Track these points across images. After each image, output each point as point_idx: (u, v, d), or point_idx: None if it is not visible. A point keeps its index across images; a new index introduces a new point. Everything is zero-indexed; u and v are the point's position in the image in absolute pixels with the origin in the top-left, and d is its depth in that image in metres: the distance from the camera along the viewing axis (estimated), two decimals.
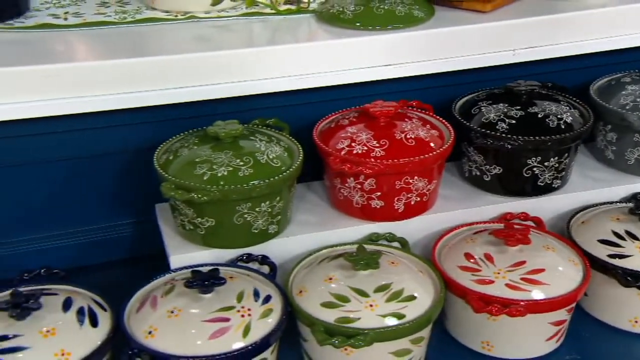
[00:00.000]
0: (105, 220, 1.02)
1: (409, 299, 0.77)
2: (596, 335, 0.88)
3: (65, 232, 1.01)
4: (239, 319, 0.74)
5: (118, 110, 0.89)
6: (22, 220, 0.97)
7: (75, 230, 1.02)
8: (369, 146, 0.88)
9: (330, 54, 0.94)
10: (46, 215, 0.98)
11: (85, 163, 0.96)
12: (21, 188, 0.95)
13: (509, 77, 1.06)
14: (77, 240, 1.02)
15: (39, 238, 1.00)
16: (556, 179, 0.98)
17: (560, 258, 0.85)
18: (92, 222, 1.02)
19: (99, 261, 1.03)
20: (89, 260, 1.02)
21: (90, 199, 0.99)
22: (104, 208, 1.01)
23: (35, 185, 0.96)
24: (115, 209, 1.02)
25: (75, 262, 1.00)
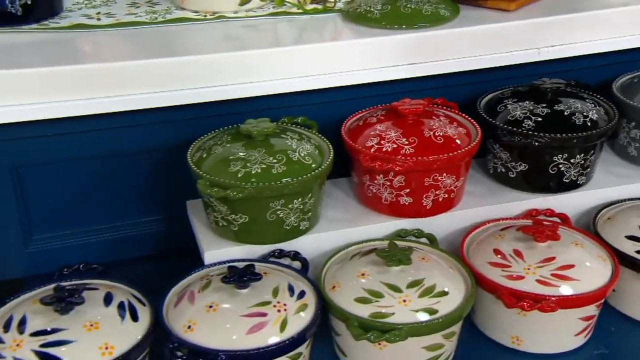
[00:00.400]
0: (137, 216, 1.02)
1: (441, 295, 0.77)
2: (623, 330, 0.88)
3: (98, 228, 1.01)
4: (275, 313, 0.74)
5: (150, 109, 0.89)
6: (58, 216, 0.98)
7: (108, 226, 1.02)
8: (398, 144, 0.88)
9: (358, 52, 0.94)
10: (81, 212, 0.99)
11: (119, 160, 0.97)
12: (57, 185, 0.95)
13: (531, 74, 1.06)
14: (110, 235, 1.02)
15: (74, 234, 1.01)
16: (581, 176, 0.98)
17: (588, 254, 0.85)
18: (124, 218, 1.02)
19: (131, 256, 1.03)
20: (121, 255, 1.02)
21: (123, 196, 1.00)
22: (136, 204, 1.01)
23: (70, 182, 0.96)
24: (147, 205, 1.02)
25: (107, 257, 1.00)
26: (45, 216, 0.97)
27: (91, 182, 0.98)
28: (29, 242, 0.98)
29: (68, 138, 0.92)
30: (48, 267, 0.98)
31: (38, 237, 0.99)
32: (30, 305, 0.74)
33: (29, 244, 0.98)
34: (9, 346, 0.69)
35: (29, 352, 0.68)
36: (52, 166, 0.94)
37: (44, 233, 0.99)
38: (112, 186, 0.99)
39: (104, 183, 0.98)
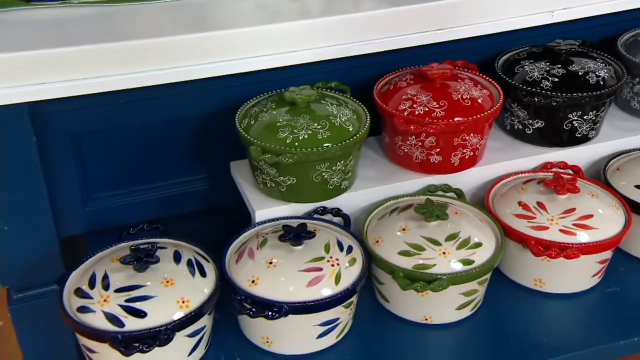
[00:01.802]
0: (184, 175, 1.04)
1: (476, 246, 0.81)
2: (632, 270, 0.93)
3: (149, 187, 1.03)
4: (329, 268, 0.77)
5: (193, 80, 0.90)
6: (113, 178, 0.99)
7: (158, 185, 1.04)
8: (429, 107, 0.90)
9: (386, 22, 0.94)
10: (133, 173, 1.00)
11: (166, 126, 0.98)
12: (112, 150, 0.97)
13: (542, 35, 1.06)
14: (160, 194, 1.04)
15: (127, 193, 1.02)
16: (592, 130, 1.00)
17: (603, 204, 0.88)
18: (172, 177, 1.04)
19: (179, 212, 1.05)
20: (170, 212, 1.04)
21: (170, 158, 1.01)
22: (182, 165, 1.03)
23: (123, 147, 0.97)
24: (193, 166, 1.04)
25: (158, 214, 1.02)
26: (101, 178, 0.99)
27: (142, 146, 0.99)
28: (87, 202, 1.00)
29: (121, 108, 0.93)
30: (105, 224, 1.01)
31: (95, 197, 1.00)
32: (109, 263, 0.76)
33: (88, 203, 1.00)
34: (97, 301, 0.72)
35: (116, 307, 0.71)
36: (107, 133, 0.95)
37: (100, 193, 1.00)
38: (161, 149, 1.01)
39: (153, 147, 0.99)
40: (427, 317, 0.83)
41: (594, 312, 0.87)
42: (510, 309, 0.87)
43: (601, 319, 0.86)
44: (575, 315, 0.87)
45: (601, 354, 0.82)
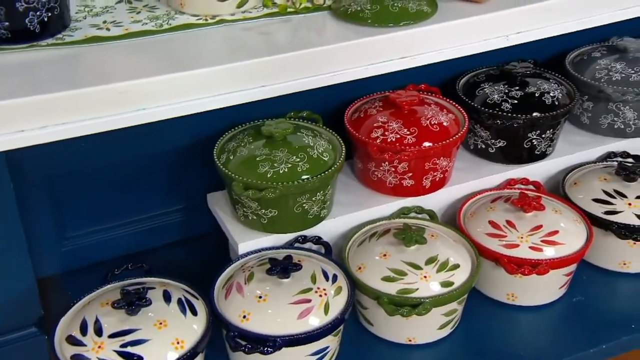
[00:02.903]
0: (158, 208, 1.04)
1: (454, 268, 0.83)
2: (594, 279, 0.98)
3: (124, 222, 1.02)
4: (318, 298, 0.78)
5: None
6: (88, 216, 0.98)
7: (131, 220, 1.03)
8: (401, 134, 0.92)
9: (356, 52, 0.95)
10: (108, 210, 0.99)
11: (140, 162, 0.98)
12: (86, 189, 0.96)
13: (496, 54, 1.10)
14: (135, 229, 1.03)
15: (103, 230, 1.01)
16: (549, 147, 1.05)
17: (567, 219, 0.93)
18: (147, 211, 1.03)
19: (155, 246, 1.05)
20: (145, 246, 1.04)
21: (144, 192, 1.01)
22: (156, 198, 1.03)
23: (97, 185, 0.97)
24: (167, 198, 1.03)
25: (134, 249, 1.02)
26: (77, 216, 0.98)
27: (117, 182, 0.99)
28: (64, 241, 0.98)
29: (96, 148, 0.92)
30: (83, 262, 0.99)
31: (72, 235, 0.99)
32: (99, 308, 0.76)
33: (64, 242, 0.98)
34: (92, 348, 0.71)
35: (112, 353, 0.70)
36: (82, 172, 0.94)
37: (77, 231, 0.99)
38: (136, 184, 1.00)
39: (128, 182, 0.99)
40: (410, 339, 0.85)
41: (563, 322, 0.91)
42: (486, 324, 0.90)
43: (571, 329, 0.90)
44: (547, 326, 0.91)
45: None
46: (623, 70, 1.09)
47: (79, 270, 1.00)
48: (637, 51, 1.11)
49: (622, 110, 1.09)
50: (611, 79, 1.08)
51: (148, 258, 0.99)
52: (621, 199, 0.97)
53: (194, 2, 0.96)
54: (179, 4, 1.01)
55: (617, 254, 0.97)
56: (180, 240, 1.07)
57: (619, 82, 1.07)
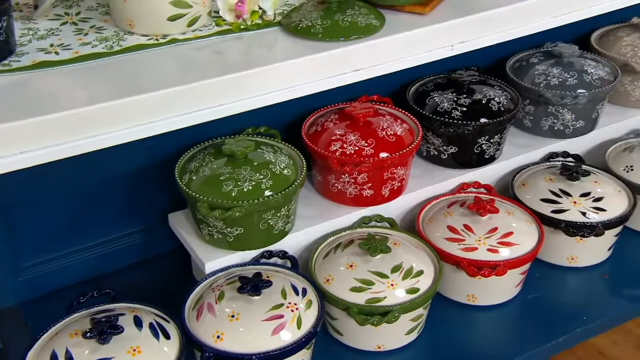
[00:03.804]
0: (117, 231, 1.02)
1: (418, 274, 0.86)
2: (546, 275, 1.02)
3: (82, 248, 1.00)
4: (290, 313, 0.79)
5: None
6: (42, 244, 0.96)
7: (90, 245, 1.01)
8: (359, 146, 0.94)
9: (313, 66, 0.97)
10: (65, 237, 0.97)
11: (96, 187, 0.96)
12: (42, 216, 0.93)
13: (441, 62, 1.14)
14: (94, 253, 1.01)
15: (59, 257, 0.99)
16: (497, 151, 1.09)
17: (519, 220, 0.96)
18: (105, 235, 1.01)
19: (115, 269, 1.03)
20: (105, 269, 1.02)
21: (101, 216, 0.99)
22: (114, 221, 1.01)
23: (53, 212, 0.94)
24: (125, 220, 1.02)
25: (93, 274, 1.00)
26: (33, 245, 0.95)
27: (73, 208, 0.97)
28: (20, 271, 0.95)
29: (52, 174, 0.89)
30: (42, 291, 0.96)
31: (28, 265, 0.96)
32: (68, 338, 0.74)
33: (20, 272, 0.95)
34: None
35: None
36: (37, 199, 0.91)
37: (33, 260, 0.96)
38: (93, 208, 0.99)
39: (85, 207, 0.97)
40: (380, 346, 0.87)
41: (521, 319, 0.95)
42: (450, 326, 0.93)
43: (529, 325, 0.94)
44: (506, 323, 0.94)
45: (535, 357, 0.90)
46: (560, 75, 1.14)
47: (38, 299, 0.97)
48: (570, 56, 1.17)
49: (561, 113, 1.14)
50: (549, 84, 1.13)
51: (109, 282, 0.98)
52: (567, 198, 1.02)
53: (144, 22, 0.94)
54: (128, 24, 0.99)
55: (566, 250, 1.02)
56: (140, 261, 1.05)
57: (557, 87, 1.13)
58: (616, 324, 1.00)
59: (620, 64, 1.19)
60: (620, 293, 1.00)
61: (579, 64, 1.15)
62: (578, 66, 1.14)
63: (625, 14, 1.22)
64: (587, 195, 1.01)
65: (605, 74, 1.15)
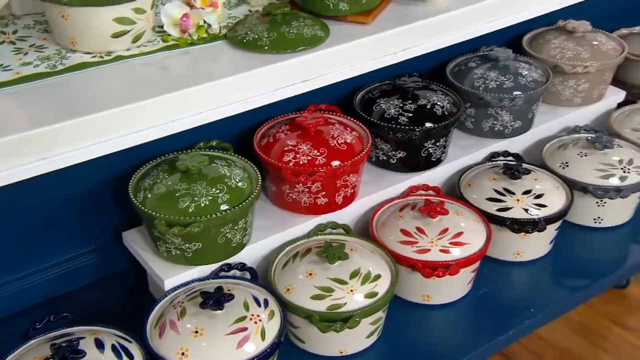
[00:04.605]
0: (70, 251, 1.00)
1: (376, 278, 0.88)
2: (494, 270, 1.05)
3: (33, 270, 0.97)
4: (253, 325, 0.79)
5: None
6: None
7: (42, 267, 0.98)
8: (311, 156, 0.95)
9: (262, 79, 0.97)
10: (17, 260, 0.94)
11: (45, 209, 0.93)
12: None
13: (385, 69, 1.16)
14: (47, 275, 0.99)
15: (9, 282, 0.96)
16: (443, 153, 1.12)
17: (468, 220, 1.00)
18: (57, 256, 0.99)
19: (69, 290, 1.01)
20: (59, 291, 0.99)
21: (53, 237, 0.97)
22: (66, 242, 0.99)
23: (3, 234, 0.91)
24: (78, 241, 1.00)
25: (46, 296, 0.97)
26: None
27: (23, 231, 0.94)
28: None
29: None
30: None
31: None
32: None
33: None
34: None
35: None
36: None
37: None
38: (44, 230, 0.96)
39: (35, 230, 0.94)
40: (342, 350, 0.88)
41: (474, 315, 0.98)
42: (408, 326, 0.95)
43: (481, 320, 0.98)
44: (461, 320, 0.97)
45: (489, 351, 0.93)
46: (497, 78, 1.19)
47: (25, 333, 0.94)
48: (506, 60, 1.22)
49: (500, 114, 1.18)
50: (488, 87, 1.18)
51: (64, 304, 0.95)
52: (510, 196, 1.06)
53: (86, 40, 0.92)
54: (70, 42, 0.97)
55: (511, 246, 1.06)
56: (95, 281, 1.03)
57: (495, 90, 1.17)
58: (561, 314, 1.05)
59: (551, 66, 1.25)
60: (563, 284, 1.05)
61: (514, 67, 1.20)
62: (513, 69, 1.19)
63: (552, 18, 1.28)
64: (529, 193, 1.06)
65: (538, 76, 1.20)
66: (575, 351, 1.48)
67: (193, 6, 0.93)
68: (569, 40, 1.28)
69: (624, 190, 1.09)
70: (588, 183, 1.10)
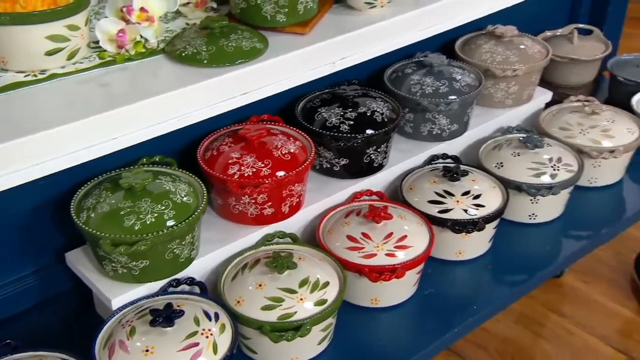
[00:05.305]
0: (10, 275, 0.97)
1: (325, 286, 0.89)
2: (437, 270, 1.08)
3: None
4: (205, 340, 0.79)
5: None
6: None
7: None
8: (256, 167, 0.95)
9: (203, 92, 0.97)
10: None
11: None
12: None
13: (325, 79, 1.18)
14: None
15: None
16: (385, 159, 1.15)
17: (411, 223, 1.02)
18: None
19: (11, 314, 0.98)
20: (1, 316, 0.96)
21: None
22: (5, 266, 0.95)
23: None
24: (18, 264, 0.97)
25: None
26: None
27: None
28: None
29: None
30: None
31: None
32: None
33: None
34: None
35: None
36: None
37: None
38: None
39: None
40: (294, 359, 0.89)
41: (420, 315, 1.01)
42: (357, 330, 0.97)
43: (427, 319, 1.00)
44: (408, 321, 0.99)
45: (436, 349, 0.96)
46: (432, 83, 1.22)
47: None
48: (440, 65, 1.25)
49: (437, 118, 1.22)
50: (425, 92, 1.21)
51: (7, 329, 0.92)
52: (450, 198, 1.09)
53: (18, 58, 0.90)
54: (1, 61, 0.94)
55: (453, 245, 1.09)
56: (38, 304, 1.00)
57: (432, 95, 1.20)
58: (502, 309, 1.09)
59: (483, 70, 1.29)
60: (503, 280, 1.09)
61: (448, 72, 1.23)
62: (447, 74, 1.23)
63: (481, 23, 1.33)
64: (468, 194, 1.09)
65: (471, 80, 1.24)
66: (517, 340, 1.53)
67: (129, 21, 0.92)
68: (498, 45, 1.33)
69: (555, 187, 1.14)
70: (522, 182, 1.15)
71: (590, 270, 1.76)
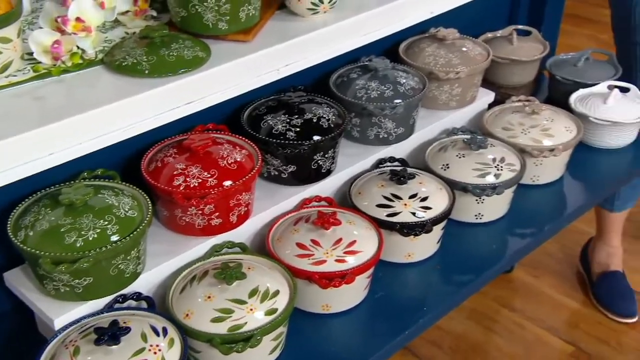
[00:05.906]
0: None
1: (275, 294, 0.88)
2: (387, 273, 1.09)
3: None
4: (153, 356, 0.77)
5: None
6: None
7: None
8: (202, 178, 0.94)
9: (145, 104, 0.95)
10: None
11: None
12: None
13: (270, 85, 1.17)
14: None
15: None
16: (332, 164, 1.15)
17: (360, 227, 1.02)
18: None
19: None
20: None
21: None
22: None
23: None
24: None
25: None
26: None
27: None
28: None
29: None
30: None
31: None
32: None
33: None
34: None
35: None
36: None
37: None
38: None
39: None
40: None
41: (372, 319, 1.01)
42: (309, 336, 0.97)
43: (379, 322, 1.00)
44: (360, 326, 1.00)
45: (388, 352, 0.96)
46: (378, 87, 1.23)
47: None
48: (385, 69, 1.26)
49: (383, 122, 1.23)
50: (370, 97, 1.21)
51: None
52: (398, 201, 1.10)
53: None
54: None
55: (402, 248, 1.10)
56: None
57: (377, 99, 1.21)
58: (452, 308, 1.10)
59: (426, 73, 1.31)
60: (451, 280, 1.10)
61: (393, 76, 1.24)
62: (392, 78, 1.24)
63: (424, 26, 1.34)
64: (415, 197, 1.10)
65: (415, 83, 1.26)
66: (470, 337, 1.56)
67: (64, 32, 0.89)
68: (441, 48, 1.34)
69: (499, 187, 1.17)
70: (467, 183, 1.16)
71: (538, 264, 1.81)
